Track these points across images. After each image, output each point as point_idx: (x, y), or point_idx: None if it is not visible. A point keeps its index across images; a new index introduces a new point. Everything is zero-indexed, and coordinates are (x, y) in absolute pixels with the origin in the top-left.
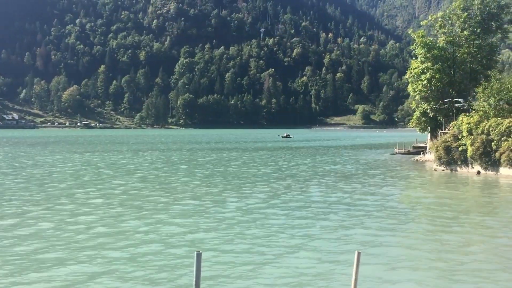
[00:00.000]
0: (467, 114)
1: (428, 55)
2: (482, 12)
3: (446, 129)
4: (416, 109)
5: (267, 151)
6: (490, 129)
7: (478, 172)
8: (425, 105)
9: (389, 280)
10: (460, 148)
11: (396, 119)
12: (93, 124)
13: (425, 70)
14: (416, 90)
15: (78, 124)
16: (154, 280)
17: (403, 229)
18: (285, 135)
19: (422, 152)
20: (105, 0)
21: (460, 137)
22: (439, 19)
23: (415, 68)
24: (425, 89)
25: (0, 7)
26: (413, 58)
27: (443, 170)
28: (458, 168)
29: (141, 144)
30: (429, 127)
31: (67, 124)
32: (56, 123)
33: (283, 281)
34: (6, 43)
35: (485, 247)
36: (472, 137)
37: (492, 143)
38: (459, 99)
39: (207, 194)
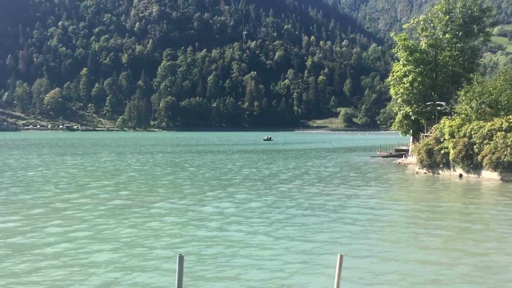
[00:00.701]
0: (449, 117)
1: (410, 58)
2: (464, 15)
3: (428, 132)
4: (398, 112)
5: (252, 154)
6: (472, 132)
7: (460, 175)
8: (407, 108)
9: (371, 283)
10: (442, 151)
11: (378, 121)
12: (75, 126)
13: (407, 73)
14: (398, 93)
15: (60, 126)
16: (136, 283)
17: (385, 232)
18: (266, 138)
19: (404, 155)
20: (87, 3)
21: (442, 140)
22: (421, 22)
23: (397, 71)
24: (407, 92)
25: None
26: (395, 61)
27: (425, 173)
28: (440, 171)
29: (127, 147)
30: (411, 130)
31: (49, 126)
32: (38, 126)
33: (266, 284)
34: None
35: (469, 247)
36: (454, 140)
37: (474, 146)
38: (441, 102)
39: (191, 198)
